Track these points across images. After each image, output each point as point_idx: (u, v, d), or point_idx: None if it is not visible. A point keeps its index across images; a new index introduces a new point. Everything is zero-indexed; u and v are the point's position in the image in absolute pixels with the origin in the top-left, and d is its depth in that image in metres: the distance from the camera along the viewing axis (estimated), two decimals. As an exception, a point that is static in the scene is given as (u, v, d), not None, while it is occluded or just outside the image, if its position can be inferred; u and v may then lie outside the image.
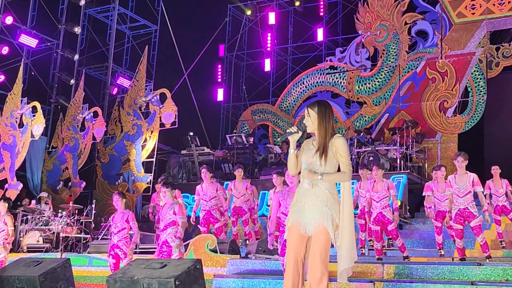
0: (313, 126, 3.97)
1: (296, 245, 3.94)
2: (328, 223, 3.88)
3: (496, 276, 6.06)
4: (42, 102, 15.15)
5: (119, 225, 7.41)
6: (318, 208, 3.91)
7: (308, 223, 3.92)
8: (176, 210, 6.93)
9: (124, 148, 14.41)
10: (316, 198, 3.92)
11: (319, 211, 3.90)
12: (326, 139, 3.91)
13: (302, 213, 3.95)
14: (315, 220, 3.90)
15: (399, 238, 8.13)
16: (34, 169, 14.88)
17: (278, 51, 18.14)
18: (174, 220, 6.92)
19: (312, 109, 3.97)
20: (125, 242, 7.40)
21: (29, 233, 11.26)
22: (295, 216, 3.98)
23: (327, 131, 3.92)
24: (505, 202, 9.15)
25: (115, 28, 16.79)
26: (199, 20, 17.31)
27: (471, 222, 7.42)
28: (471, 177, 7.50)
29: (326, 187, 3.93)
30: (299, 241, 3.93)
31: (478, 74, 13.98)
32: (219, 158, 14.37)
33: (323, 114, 3.94)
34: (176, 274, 4.57)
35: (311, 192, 3.93)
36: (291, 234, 3.97)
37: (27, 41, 15.26)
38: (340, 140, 3.92)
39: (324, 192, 3.92)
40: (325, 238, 3.88)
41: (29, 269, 5.77)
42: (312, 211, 3.92)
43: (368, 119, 15.06)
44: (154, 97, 14.05)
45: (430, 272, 6.39)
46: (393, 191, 8.16)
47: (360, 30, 15.43)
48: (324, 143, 3.91)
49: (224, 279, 7.28)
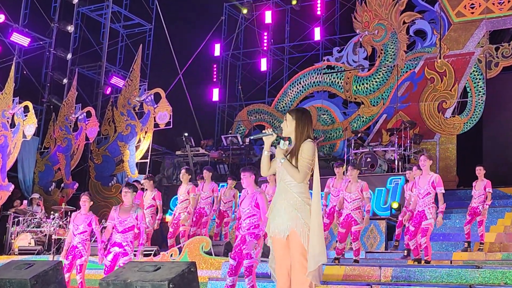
0: (287, 130, 4.09)
1: (281, 253, 4.03)
2: (298, 227, 3.95)
3: (494, 280, 6.03)
4: (34, 102, 15.09)
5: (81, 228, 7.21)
6: (288, 212, 3.99)
7: (281, 227, 4.00)
8: (139, 215, 6.81)
9: (118, 149, 14.38)
10: (287, 202, 4.00)
11: (289, 215, 3.98)
12: (299, 143, 4.03)
13: (278, 218, 4.03)
14: (286, 225, 3.98)
15: (357, 242, 8.00)
16: (26, 170, 14.81)
17: (274, 51, 18.08)
18: (133, 225, 6.80)
19: (291, 115, 4.11)
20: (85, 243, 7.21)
21: (20, 235, 11.24)
22: (272, 223, 4.07)
23: (301, 136, 4.04)
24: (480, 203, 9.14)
25: (108, 26, 16.71)
26: (194, 18, 17.23)
27: (422, 223, 7.42)
28: (432, 178, 7.45)
29: (296, 191, 4.00)
30: (283, 247, 4.02)
31: (477, 74, 13.88)
32: (214, 159, 14.24)
33: (300, 120, 4.07)
34: (170, 277, 4.51)
35: (282, 197, 4.03)
36: (274, 242, 4.07)
37: (19, 39, 15.15)
38: (307, 144, 4.01)
39: (293, 196, 3.99)
40: (299, 243, 3.94)
41: (20, 272, 5.70)
42: (282, 215, 4.00)
43: (366, 119, 14.93)
44: (148, 97, 14.03)
45: (428, 275, 6.36)
46: (366, 193, 8.03)
47: (357, 29, 15.37)
48: (298, 147, 4.03)
49: (219, 282, 7.22)
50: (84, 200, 7.29)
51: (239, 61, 18.73)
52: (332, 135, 15.43)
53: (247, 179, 6.13)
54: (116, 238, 6.71)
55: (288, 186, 4.01)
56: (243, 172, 6.19)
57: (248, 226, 5.99)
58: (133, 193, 6.91)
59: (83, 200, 7.30)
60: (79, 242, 7.15)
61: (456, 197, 12.60)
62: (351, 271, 6.78)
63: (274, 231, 4.03)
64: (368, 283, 6.28)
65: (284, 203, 4.00)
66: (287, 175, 4.01)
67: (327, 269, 6.78)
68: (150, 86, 14.54)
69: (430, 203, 7.41)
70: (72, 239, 7.22)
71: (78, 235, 7.17)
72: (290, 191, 4.00)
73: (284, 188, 4.02)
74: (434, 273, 6.33)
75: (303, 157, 3.97)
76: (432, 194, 7.42)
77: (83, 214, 7.27)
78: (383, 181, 11.37)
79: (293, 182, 4.00)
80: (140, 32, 17.70)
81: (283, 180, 4.04)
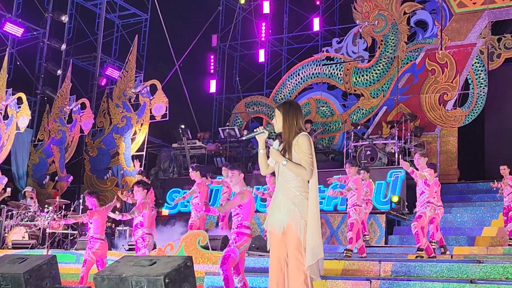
0: (278, 125, 4.07)
1: (276, 246, 4.04)
2: (295, 221, 3.95)
3: (495, 274, 5.91)
4: (28, 93, 14.99)
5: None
6: (286, 206, 3.99)
7: (277, 223, 4.01)
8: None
9: (113, 141, 14.32)
10: (286, 197, 4.00)
11: (287, 210, 3.99)
12: (290, 137, 4.00)
13: (277, 214, 4.04)
14: (283, 220, 3.99)
15: (352, 232, 8.23)
16: (20, 162, 14.75)
17: (272, 41, 17.94)
18: (142, 222, 6.87)
19: (278, 109, 4.09)
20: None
21: (14, 229, 11.16)
22: (270, 219, 4.09)
23: (290, 129, 4.01)
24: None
25: (103, 16, 16.54)
26: (191, 8, 17.11)
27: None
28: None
29: (294, 186, 4.00)
30: (279, 241, 4.02)
31: (479, 66, 13.72)
32: (211, 152, 14.09)
33: (287, 113, 4.03)
34: (165, 271, 4.48)
35: (281, 192, 4.03)
36: (271, 236, 4.08)
37: (12, 30, 14.94)
38: (302, 138, 3.98)
39: (291, 190, 3.99)
40: (296, 238, 3.95)
41: (14, 266, 5.69)
42: (280, 210, 4.01)
43: (366, 112, 14.77)
44: (144, 88, 13.97)
45: (428, 270, 6.25)
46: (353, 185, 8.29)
47: (357, 20, 15.24)
48: (288, 141, 4.00)
49: (216, 277, 7.08)
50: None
51: (237, 52, 18.58)
52: (331, 128, 15.28)
53: (235, 177, 5.97)
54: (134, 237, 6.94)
55: (287, 180, 4.00)
56: (231, 170, 6.04)
57: (235, 225, 5.95)
58: (143, 190, 6.93)
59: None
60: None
61: (457, 190, 12.49)
62: (350, 265, 6.72)
63: (272, 225, 4.04)
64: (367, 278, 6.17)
65: (283, 198, 4.01)
66: (284, 170, 4.00)
67: (326, 264, 6.66)
68: (146, 78, 14.52)
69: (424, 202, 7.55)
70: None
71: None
72: (289, 185, 4.00)
73: (283, 183, 4.02)
74: (434, 267, 6.25)
75: (304, 153, 3.94)
76: (426, 193, 7.59)
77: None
78: (383, 174, 11.26)
79: (292, 176, 3.99)
80: (136, 22, 17.51)
81: (282, 175, 4.03)
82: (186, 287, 4.53)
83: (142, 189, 6.91)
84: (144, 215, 6.92)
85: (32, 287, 5.46)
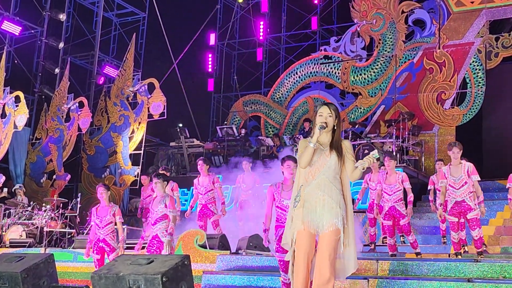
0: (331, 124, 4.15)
1: (307, 245, 4.07)
2: (340, 223, 4.04)
3: (493, 273, 5.90)
4: (26, 92, 15.05)
5: (106, 219, 7.16)
6: (332, 208, 4.05)
7: (321, 223, 4.04)
8: (167, 203, 6.63)
9: (111, 140, 14.32)
10: (329, 198, 4.05)
11: (333, 211, 4.04)
12: (339, 138, 4.19)
13: (314, 213, 4.07)
14: (328, 220, 4.03)
15: (411, 234, 8.01)
16: (17, 161, 14.76)
17: (270, 40, 17.93)
18: (165, 214, 6.64)
19: (329, 108, 4.18)
20: (112, 236, 7.18)
21: (11, 228, 11.09)
22: (306, 218, 4.07)
23: (339, 130, 4.21)
24: None
25: (101, 15, 16.52)
26: (189, 7, 17.09)
27: (468, 214, 7.15)
28: (466, 167, 7.20)
29: (338, 188, 4.10)
30: (310, 241, 4.08)
31: (477, 65, 13.72)
32: (209, 151, 14.11)
33: (338, 115, 4.20)
34: (163, 270, 4.44)
35: (324, 192, 4.07)
36: (302, 235, 4.09)
37: (10, 28, 14.94)
38: (348, 142, 4.23)
39: (336, 192, 4.08)
40: (335, 238, 4.02)
41: (11, 265, 5.64)
42: (325, 211, 4.05)
43: (364, 110, 14.77)
44: (142, 87, 13.95)
45: (425, 268, 6.23)
46: (407, 183, 8.01)
47: (355, 19, 15.21)
48: (337, 141, 4.15)
49: (214, 276, 7.11)
50: (100, 192, 7.19)
51: (235, 51, 18.57)
52: (329, 126, 15.23)
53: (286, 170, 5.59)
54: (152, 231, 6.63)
55: (332, 182, 4.08)
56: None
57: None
58: (163, 182, 6.72)
59: (100, 192, 7.20)
60: (106, 235, 7.11)
61: (454, 190, 12.43)
62: (346, 263, 6.69)
63: (310, 225, 4.05)
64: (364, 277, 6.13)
65: (326, 198, 4.05)
66: (329, 170, 4.08)
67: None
68: (143, 76, 14.52)
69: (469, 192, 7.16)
70: (98, 234, 7.14)
71: (104, 227, 7.11)
72: (334, 188, 4.08)
73: (326, 184, 4.07)
74: (432, 266, 6.22)
75: (352, 155, 4.14)
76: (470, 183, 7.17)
77: (106, 206, 7.22)
78: (381, 173, 11.20)
79: (336, 178, 4.10)
80: (134, 21, 17.52)
81: (325, 174, 4.09)
82: (183, 286, 4.50)
83: (162, 181, 6.70)
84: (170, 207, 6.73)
85: (29, 285, 5.43)
